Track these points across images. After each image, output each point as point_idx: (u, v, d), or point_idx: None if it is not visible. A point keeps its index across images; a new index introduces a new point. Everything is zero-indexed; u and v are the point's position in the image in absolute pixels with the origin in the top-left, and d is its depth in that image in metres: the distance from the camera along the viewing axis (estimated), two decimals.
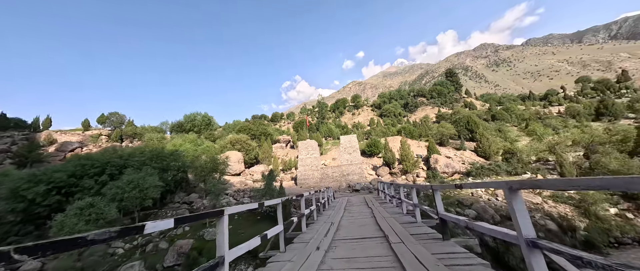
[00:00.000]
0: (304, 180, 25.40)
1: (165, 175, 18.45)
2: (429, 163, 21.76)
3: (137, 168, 17.03)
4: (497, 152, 25.68)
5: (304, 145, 28.36)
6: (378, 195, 15.09)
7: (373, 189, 19.09)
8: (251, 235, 5.37)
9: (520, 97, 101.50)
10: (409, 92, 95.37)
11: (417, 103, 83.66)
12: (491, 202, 14.09)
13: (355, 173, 24.01)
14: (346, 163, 25.64)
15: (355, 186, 21.46)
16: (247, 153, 33.73)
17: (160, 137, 42.09)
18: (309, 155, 26.70)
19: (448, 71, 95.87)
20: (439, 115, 66.62)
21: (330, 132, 56.27)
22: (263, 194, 16.12)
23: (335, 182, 23.98)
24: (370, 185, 20.72)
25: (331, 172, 25.48)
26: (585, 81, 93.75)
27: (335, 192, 20.77)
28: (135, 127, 47.01)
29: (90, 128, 48.51)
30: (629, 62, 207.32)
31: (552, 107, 63.47)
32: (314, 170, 25.83)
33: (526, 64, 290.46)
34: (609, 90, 72.31)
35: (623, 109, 38.85)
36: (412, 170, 21.15)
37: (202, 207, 17.70)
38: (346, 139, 28.12)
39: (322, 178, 25.01)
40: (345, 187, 22.92)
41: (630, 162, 14.16)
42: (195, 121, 49.11)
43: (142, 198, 14.62)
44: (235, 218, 14.66)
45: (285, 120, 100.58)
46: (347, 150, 26.25)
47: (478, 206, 12.88)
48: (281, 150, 44.31)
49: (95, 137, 43.30)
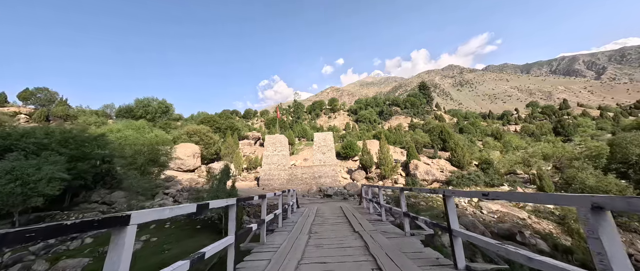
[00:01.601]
0: (268, 181, 22.12)
1: (80, 166, 13.86)
2: (408, 169, 20.28)
3: (33, 153, 12.31)
4: (470, 162, 25.40)
5: (272, 140, 24.89)
6: (360, 205, 11.06)
7: (348, 195, 16.67)
8: (183, 253, 4.24)
9: (481, 115, 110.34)
10: (384, 100, 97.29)
11: (392, 112, 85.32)
12: (477, 215, 12.57)
13: (328, 176, 21.47)
14: (319, 163, 22.90)
15: (327, 190, 18.87)
16: (206, 147, 29.23)
17: (100, 121, 35.12)
18: (276, 152, 23.47)
19: (421, 85, 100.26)
20: (411, 124, 68.19)
21: (304, 132, 53.47)
22: (213, 195, 12.70)
23: (305, 185, 21.15)
24: (344, 190, 18.26)
25: (301, 172, 22.56)
26: (534, 106, 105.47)
27: (303, 195, 17.89)
28: (69, 107, 38.88)
29: (5, 104, 38.94)
30: (564, 93, 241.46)
31: (510, 125, 69.00)
32: (281, 170, 22.68)
33: (485, 87, 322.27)
34: (555, 114, 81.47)
35: (574, 130, 43.04)
36: (390, 175, 19.40)
37: (127, 209, 13.50)
38: (321, 137, 25.23)
39: (290, 179, 22.00)
40: (316, 191, 20.14)
41: (607, 178, 13.83)
42: (150, 107, 42.45)
43: (26, 196, 10.19)
44: (166, 227, 10.98)
45: (258, 117, 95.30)
46: (321, 149, 23.52)
47: (466, 220, 11.16)
48: (249, 147, 40.19)
49: (10, 115, 34.55)
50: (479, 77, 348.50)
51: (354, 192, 16.74)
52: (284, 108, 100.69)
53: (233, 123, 43.19)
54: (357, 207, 10.47)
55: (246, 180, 23.84)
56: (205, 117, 42.51)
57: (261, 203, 5.76)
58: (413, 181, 17.95)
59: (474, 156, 26.52)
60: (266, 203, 5.93)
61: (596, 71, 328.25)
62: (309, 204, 13.55)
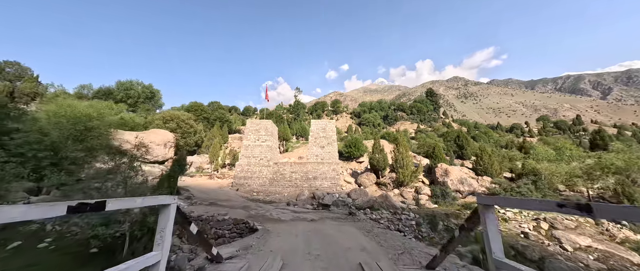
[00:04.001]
0: (244, 180, 17.11)
1: None
2: (433, 175, 15.68)
3: None
4: (499, 173, 20.76)
5: (255, 126, 19.12)
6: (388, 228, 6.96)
7: (353, 207, 11.60)
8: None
9: (488, 127, 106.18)
10: (390, 104, 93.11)
11: (397, 116, 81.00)
12: (560, 252, 7.91)
13: (326, 177, 16.66)
14: (315, 160, 17.66)
15: (323, 198, 13.95)
16: (184, 136, 24.67)
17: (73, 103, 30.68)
18: (259, 141, 18.17)
19: (428, 91, 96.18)
20: (418, 130, 63.72)
21: (303, 130, 48.93)
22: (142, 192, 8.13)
23: (293, 188, 16.35)
24: (348, 199, 13.41)
25: (290, 171, 17.35)
26: (545, 120, 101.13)
27: (288, 204, 13.09)
28: (38, 84, 34.46)
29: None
30: (570, 111, 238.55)
31: (525, 137, 64.46)
32: (264, 166, 17.47)
33: (490, 100, 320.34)
34: (569, 130, 76.98)
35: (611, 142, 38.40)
36: (409, 181, 14.76)
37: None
38: (319, 125, 19.47)
39: (274, 179, 17.16)
40: (308, 197, 15.26)
41: None
42: (132, 91, 38.04)
43: None
44: (39, 248, 6.36)
45: (257, 115, 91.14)
46: (319, 141, 18.24)
47: (558, 266, 6.52)
48: (239, 141, 35.66)
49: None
50: (484, 90, 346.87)
51: (363, 203, 11.69)
52: (284, 107, 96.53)
53: (224, 115, 38.74)
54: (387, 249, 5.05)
55: (224, 177, 19.26)
56: (192, 105, 38.01)
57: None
58: (443, 191, 13.31)
59: (504, 165, 21.83)
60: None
61: (602, 91, 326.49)
62: (289, 222, 8.37)
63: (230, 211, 10.35)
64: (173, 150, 22.91)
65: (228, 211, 10.28)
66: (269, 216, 9.65)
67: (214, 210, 10.62)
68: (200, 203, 11.65)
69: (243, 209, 11.17)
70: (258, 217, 9.44)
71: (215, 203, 11.62)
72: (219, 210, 10.70)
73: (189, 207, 10.97)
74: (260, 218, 9.17)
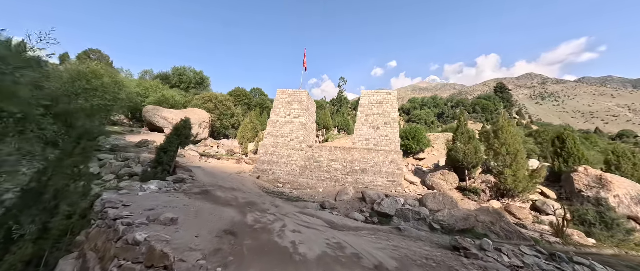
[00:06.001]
0: (268, 166, 13.56)
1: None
2: (568, 185, 9.76)
3: None
4: None
5: (286, 96, 14.99)
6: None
7: (439, 224, 5.93)
8: None
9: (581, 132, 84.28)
10: (446, 101, 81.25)
11: (455, 114, 69.73)
12: None
13: (381, 171, 12.02)
14: (365, 145, 12.98)
15: (380, 202, 9.53)
16: (220, 117, 23.40)
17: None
18: (291, 116, 14.27)
19: (499, 85, 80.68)
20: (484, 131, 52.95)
21: (345, 123, 44.87)
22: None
23: (333, 182, 12.38)
24: (423, 209, 8.53)
25: (328, 158, 12.97)
26: None
27: (322, 206, 9.14)
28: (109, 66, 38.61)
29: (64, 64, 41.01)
30: None
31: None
32: (294, 148, 13.60)
33: (577, 102, 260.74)
34: None
35: None
36: (523, 189, 9.18)
37: None
38: (373, 97, 14.18)
39: (307, 167, 13.21)
40: (353, 197, 11.00)
41: None
42: (184, 76, 40.00)
43: None
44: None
45: None
46: (371, 119, 13.35)
47: None
48: None
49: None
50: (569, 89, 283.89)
51: (453, 220, 6.48)
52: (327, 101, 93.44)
53: (264, 101, 37.46)
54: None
55: (252, 162, 16.80)
56: (234, 90, 37.86)
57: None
58: (603, 216, 7.24)
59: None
60: None
61: None
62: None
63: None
64: (208, 131, 21.84)
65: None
66: (270, 243, 4.66)
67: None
68: (189, 191, 8.02)
69: (240, 212, 6.50)
70: (244, 236, 4.57)
71: (208, 192, 8.15)
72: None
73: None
74: (244, 246, 4.33)
